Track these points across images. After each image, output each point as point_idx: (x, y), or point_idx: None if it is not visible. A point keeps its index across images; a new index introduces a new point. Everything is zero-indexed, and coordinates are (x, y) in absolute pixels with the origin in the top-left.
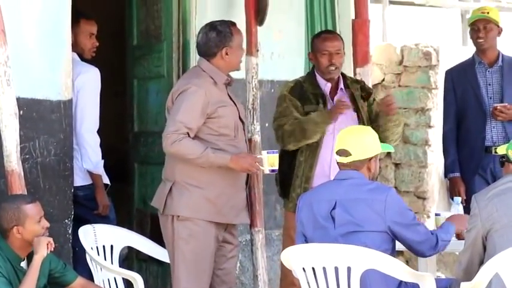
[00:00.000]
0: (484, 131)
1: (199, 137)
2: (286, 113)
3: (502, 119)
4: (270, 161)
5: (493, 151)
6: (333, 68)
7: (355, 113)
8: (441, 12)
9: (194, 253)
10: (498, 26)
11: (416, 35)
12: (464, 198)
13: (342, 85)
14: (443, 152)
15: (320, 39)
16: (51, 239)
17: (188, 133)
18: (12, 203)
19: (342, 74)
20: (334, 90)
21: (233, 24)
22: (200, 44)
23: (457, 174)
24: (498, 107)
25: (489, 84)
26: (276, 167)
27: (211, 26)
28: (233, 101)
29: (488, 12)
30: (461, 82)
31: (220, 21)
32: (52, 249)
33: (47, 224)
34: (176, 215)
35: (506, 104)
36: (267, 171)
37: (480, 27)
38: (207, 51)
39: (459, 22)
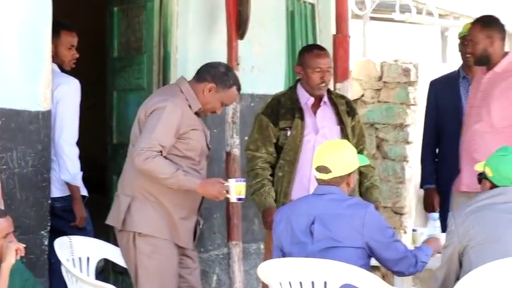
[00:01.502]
0: None
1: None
2: (255, 141)
3: None
4: (237, 189)
5: None
6: (323, 84)
7: (339, 127)
8: (421, 30)
9: (158, 269)
10: None
11: (396, 51)
12: (438, 209)
13: (325, 98)
14: (421, 162)
15: (313, 56)
16: (21, 245)
17: (161, 151)
18: None
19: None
20: (317, 103)
21: (239, 88)
22: (207, 64)
23: (433, 186)
24: None
25: None
26: (243, 196)
27: (228, 67)
28: (203, 127)
29: None
30: (444, 94)
31: (236, 78)
32: (23, 254)
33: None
34: (137, 232)
35: None
36: (233, 200)
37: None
38: (201, 73)
39: (439, 39)
